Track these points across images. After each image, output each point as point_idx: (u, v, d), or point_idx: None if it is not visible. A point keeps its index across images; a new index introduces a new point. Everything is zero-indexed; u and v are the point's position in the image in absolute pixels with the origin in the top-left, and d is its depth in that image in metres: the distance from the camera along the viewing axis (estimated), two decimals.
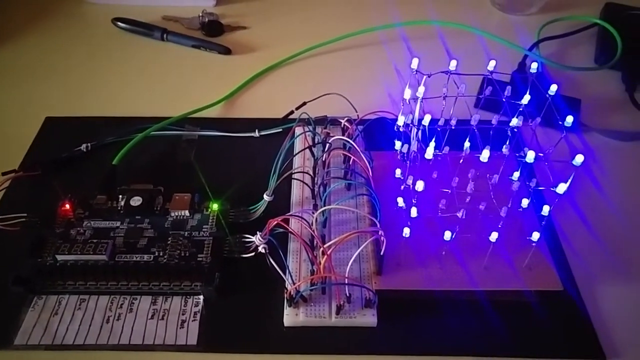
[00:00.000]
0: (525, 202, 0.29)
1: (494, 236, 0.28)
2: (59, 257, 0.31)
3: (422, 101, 0.28)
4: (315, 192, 0.34)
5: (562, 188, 0.25)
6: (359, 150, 0.33)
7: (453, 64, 0.29)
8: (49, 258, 0.31)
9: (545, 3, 0.53)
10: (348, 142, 0.33)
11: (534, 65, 0.28)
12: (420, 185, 0.25)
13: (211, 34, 0.51)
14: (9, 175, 0.36)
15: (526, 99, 0.30)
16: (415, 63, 0.29)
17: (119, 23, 0.51)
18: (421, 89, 0.27)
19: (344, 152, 0.34)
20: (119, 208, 0.33)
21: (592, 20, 0.50)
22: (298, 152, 0.35)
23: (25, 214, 0.33)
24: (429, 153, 0.25)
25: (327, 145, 0.34)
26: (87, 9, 0.54)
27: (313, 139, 0.36)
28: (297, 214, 0.31)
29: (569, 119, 0.25)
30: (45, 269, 0.31)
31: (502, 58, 0.46)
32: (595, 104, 0.43)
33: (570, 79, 0.46)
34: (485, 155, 0.25)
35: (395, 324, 0.29)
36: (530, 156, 0.24)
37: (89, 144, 0.39)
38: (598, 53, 0.48)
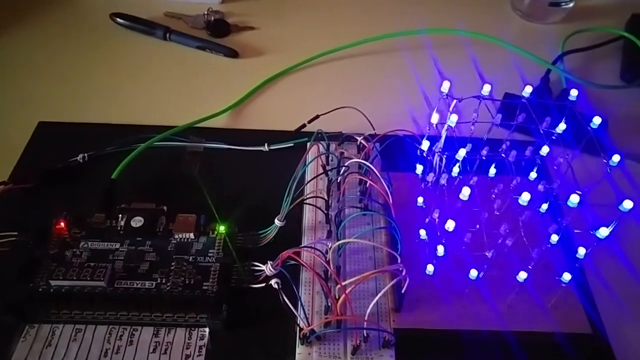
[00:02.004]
0: (555, 238, 0.27)
1: (522, 276, 0.26)
2: (53, 283, 0.29)
3: (453, 128, 0.26)
4: (329, 217, 0.32)
5: (603, 232, 0.23)
6: (378, 175, 0.30)
7: (486, 89, 0.26)
8: (42, 283, 0.29)
9: (568, 12, 0.51)
10: (366, 165, 0.31)
11: (574, 93, 0.26)
12: (450, 225, 0.23)
13: (217, 34, 0.48)
14: None
15: (561, 127, 0.27)
16: (446, 87, 0.26)
17: (118, 19, 0.48)
18: (454, 117, 0.25)
19: (361, 177, 0.32)
20: (119, 228, 0.31)
21: (619, 33, 0.48)
22: (312, 179, 0.33)
23: (16, 232, 0.31)
24: (465, 194, 0.23)
25: (343, 168, 0.31)
26: (83, 2, 0.51)
27: (327, 158, 0.34)
28: (310, 246, 0.29)
29: (615, 159, 0.23)
30: (37, 295, 0.28)
31: (522, 70, 0.45)
32: (621, 124, 0.41)
33: (594, 95, 0.44)
34: (525, 198, 0.23)
35: None
36: (574, 200, 0.22)
37: (85, 154, 0.36)
38: (624, 67, 0.46)
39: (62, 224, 0.31)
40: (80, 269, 0.29)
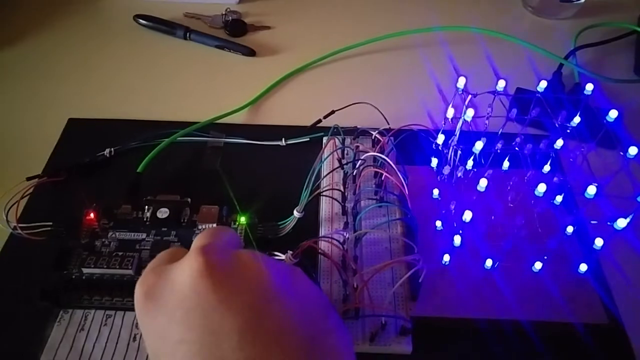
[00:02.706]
0: (570, 229, 0.28)
1: (537, 266, 0.27)
2: (85, 270, 0.30)
3: (465, 120, 0.26)
4: (346, 209, 0.33)
5: (621, 224, 0.23)
6: (394, 167, 0.31)
7: (501, 85, 0.27)
8: (74, 270, 0.30)
9: (580, 8, 0.51)
10: (382, 158, 0.32)
11: (589, 87, 0.26)
12: (468, 216, 0.24)
13: (234, 33, 0.49)
14: (33, 181, 0.35)
15: (576, 121, 0.28)
16: (461, 82, 0.27)
17: (141, 20, 0.50)
18: (470, 112, 0.25)
19: (377, 169, 0.33)
20: (145, 219, 0.33)
21: (631, 27, 0.48)
22: (328, 173, 0.34)
23: (51, 223, 0.32)
24: (482, 186, 0.24)
25: (359, 162, 0.32)
26: (107, 5, 0.53)
27: (343, 151, 0.35)
28: (329, 236, 0.30)
29: (633, 151, 0.24)
30: (71, 282, 0.30)
31: (535, 65, 0.45)
32: (635, 118, 0.41)
33: (607, 90, 0.44)
34: (541, 190, 0.24)
35: (431, 352, 0.28)
36: (591, 191, 0.23)
37: (112, 149, 0.38)
38: (637, 61, 0.46)
39: (92, 215, 0.33)
40: (110, 257, 0.30)
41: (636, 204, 0.22)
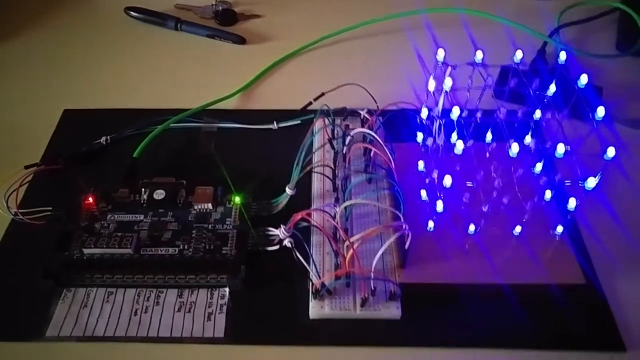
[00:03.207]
0: (548, 195, 0.29)
1: (517, 229, 0.28)
2: (86, 251, 0.31)
3: (446, 93, 0.27)
4: (337, 185, 0.34)
5: (591, 183, 0.24)
6: (381, 142, 0.32)
7: (479, 56, 0.28)
8: (76, 251, 0.31)
9: None
10: (369, 134, 0.33)
11: (562, 56, 0.27)
12: (448, 181, 0.25)
13: (225, 23, 0.50)
14: (31, 169, 0.36)
15: (552, 90, 0.29)
16: (441, 54, 0.28)
17: (132, 12, 0.50)
18: (448, 81, 0.27)
19: (365, 145, 0.34)
20: (142, 201, 0.34)
21: (614, 5, 0.49)
22: (319, 148, 0.35)
23: (50, 208, 0.33)
24: (459, 148, 0.25)
25: (348, 138, 0.33)
26: None
27: (333, 131, 0.36)
28: (320, 209, 0.31)
29: (600, 112, 0.25)
30: (73, 262, 0.31)
31: (521, 44, 0.46)
32: (616, 91, 0.42)
33: (590, 65, 0.45)
34: (514, 150, 0.25)
35: (419, 316, 0.29)
36: (560, 150, 0.24)
37: (108, 137, 0.39)
38: (620, 38, 0.47)
39: (91, 199, 0.34)
40: (109, 238, 0.32)
41: (603, 161, 0.23)
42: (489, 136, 0.32)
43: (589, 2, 0.50)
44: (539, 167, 0.30)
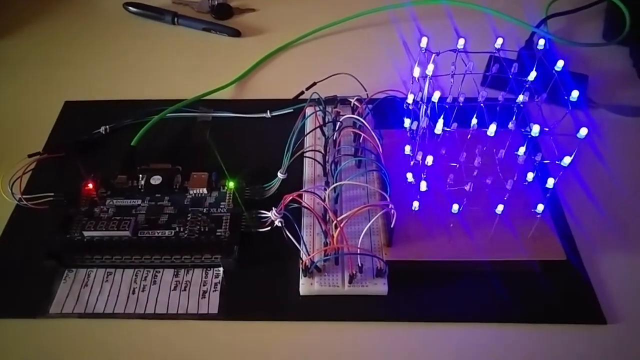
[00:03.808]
0: (530, 176, 0.30)
1: (499, 208, 0.29)
2: (86, 234, 0.33)
3: (431, 79, 0.29)
4: (327, 170, 0.35)
5: (566, 161, 0.26)
6: (369, 128, 0.34)
7: (461, 42, 0.29)
8: (76, 234, 0.33)
9: None
10: (358, 120, 0.34)
11: (541, 42, 0.29)
12: (429, 160, 0.26)
13: (221, 16, 0.52)
14: (34, 157, 0.37)
15: (532, 75, 0.30)
16: (424, 42, 0.29)
17: (131, 8, 0.52)
18: (430, 67, 0.28)
19: (355, 130, 0.35)
20: (140, 187, 0.35)
21: None
22: (310, 132, 0.36)
23: (52, 194, 0.35)
24: (438, 129, 0.26)
25: (338, 124, 0.35)
26: None
27: (324, 118, 0.38)
28: (310, 190, 0.33)
29: (575, 94, 0.26)
30: (74, 244, 0.32)
31: (510, 35, 0.47)
32: (602, 79, 0.43)
33: (578, 55, 0.46)
34: (492, 129, 0.26)
35: (405, 292, 0.30)
36: (536, 130, 0.25)
37: (107, 127, 0.40)
38: (606, 28, 0.48)
39: (91, 185, 0.35)
40: (108, 222, 0.33)
41: (577, 140, 0.24)
42: (474, 121, 0.33)
43: None
44: (522, 150, 0.31)
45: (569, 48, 0.46)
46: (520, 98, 0.32)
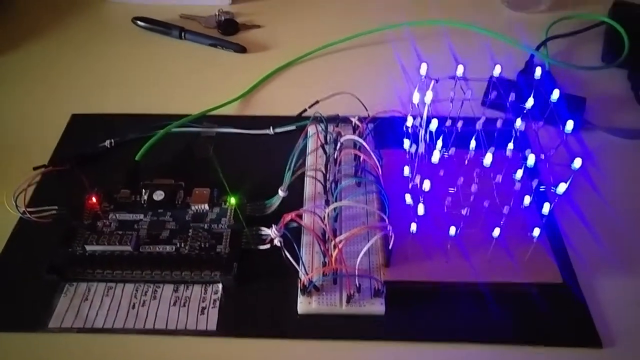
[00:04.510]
0: (527, 200, 0.30)
1: (496, 232, 0.30)
2: (88, 247, 0.33)
3: (430, 105, 0.29)
4: (327, 189, 0.36)
5: (561, 188, 0.26)
6: (369, 149, 0.34)
7: (460, 70, 0.30)
8: (78, 248, 0.33)
9: (554, 1, 0.54)
10: (359, 141, 0.35)
11: (538, 71, 0.29)
12: (427, 185, 0.26)
13: (227, 32, 0.52)
14: (39, 170, 0.38)
15: (530, 102, 0.31)
16: (423, 69, 0.30)
17: (139, 22, 0.53)
18: (429, 95, 0.28)
19: (355, 151, 0.35)
20: (142, 202, 0.35)
21: (600, 19, 0.51)
22: (311, 152, 0.37)
23: (56, 207, 0.35)
24: (435, 157, 0.26)
25: (339, 144, 0.35)
26: (107, 8, 0.56)
27: (325, 137, 0.38)
28: (310, 210, 0.33)
29: (569, 126, 0.26)
30: (75, 258, 0.33)
31: (509, 56, 0.48)
32: (600, 102, 0.44)
33: (576, 77, 0.47)
34: (487, 160, 0.27)
35: (402, 312, 0.30)
36: (531, 160, 0.26)
37: (112, 140, 0.41)
38: (605, 51, 0.49)
39: (94, 199, 0.35)
40: (110, 236, 0.33)
41: (571, 170, 0.25)
42: (472, 144, 0.34)
43: (577, 16, 0.52)
44: (519, 173, 0.31)
45: (568, 70, 0.47)
46: (518, 123, 0.32)
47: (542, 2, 0.54)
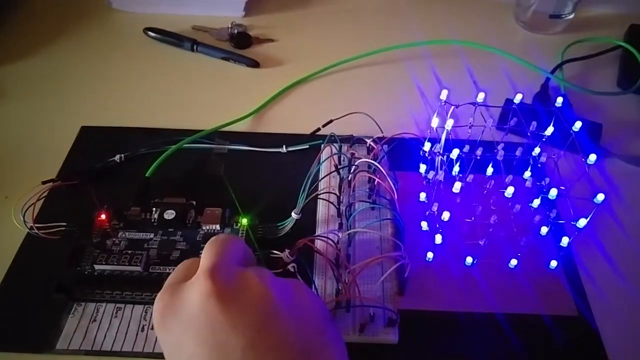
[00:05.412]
0: (544, 230, 0.30)
1: (513, 263, 0.29)
2: (97, 267, 0.32)
3: (450, 131, 0.29)
4: (341, 211, 0.35)
5: (582, 223, 0.26)
6: (384, 172, 0.34)
7: (481, 97, 0.30)
8: (87, 267, 0.33)
9: (570, 23, 0.54)
10: (374, 164, 0.34)
11: (559, 100, 0.29)
12: (446, 216, 0.26)
13: (240, 45, 0.52)
14: (47, 185, 0.37)
15: (549, 130, 0.30)
16: (444, 94, 0.30)
17: (150, 33, 0.53)
18: (450, 122, 0.28)
19: (370, 174, 0.35)
20: (153, 220, 0.35)
21: (616, 43, 0.50)
22: (325, 176, 0.36)
23: (65, 223, 0.35)
24: (457, 187, 0.26)
25: (354, 166, 0.35)
26: (119, 18, 0.56)
27: (339, 158, 0.38)
28: (324, 235, 0.33)
29: (592, 158, 0.26)
30: (84, 277, 0.32)
31: (524, 77, 0.47)
32: (616, 128, 0.44)
33: (592, 102, 0.46)
34: (509, 192, 0.26)
35: (416, 341, 0.30)
36: (553, 193, 0.25)
37: (122, 155, 0.40)
38: (621, 76, 0.49)
39: (104, 217, 0.35)
40: (120, 255, 0.33)
41: (594, 204, 0.24)
42: (490, 170, 0.34)
43: (593, 39, 0.52)
44: (536, 202, 0.31)
45: (582, 94, 0.47)
46: (537, 151, 0.32)
47: (558, 24, 0.54)
